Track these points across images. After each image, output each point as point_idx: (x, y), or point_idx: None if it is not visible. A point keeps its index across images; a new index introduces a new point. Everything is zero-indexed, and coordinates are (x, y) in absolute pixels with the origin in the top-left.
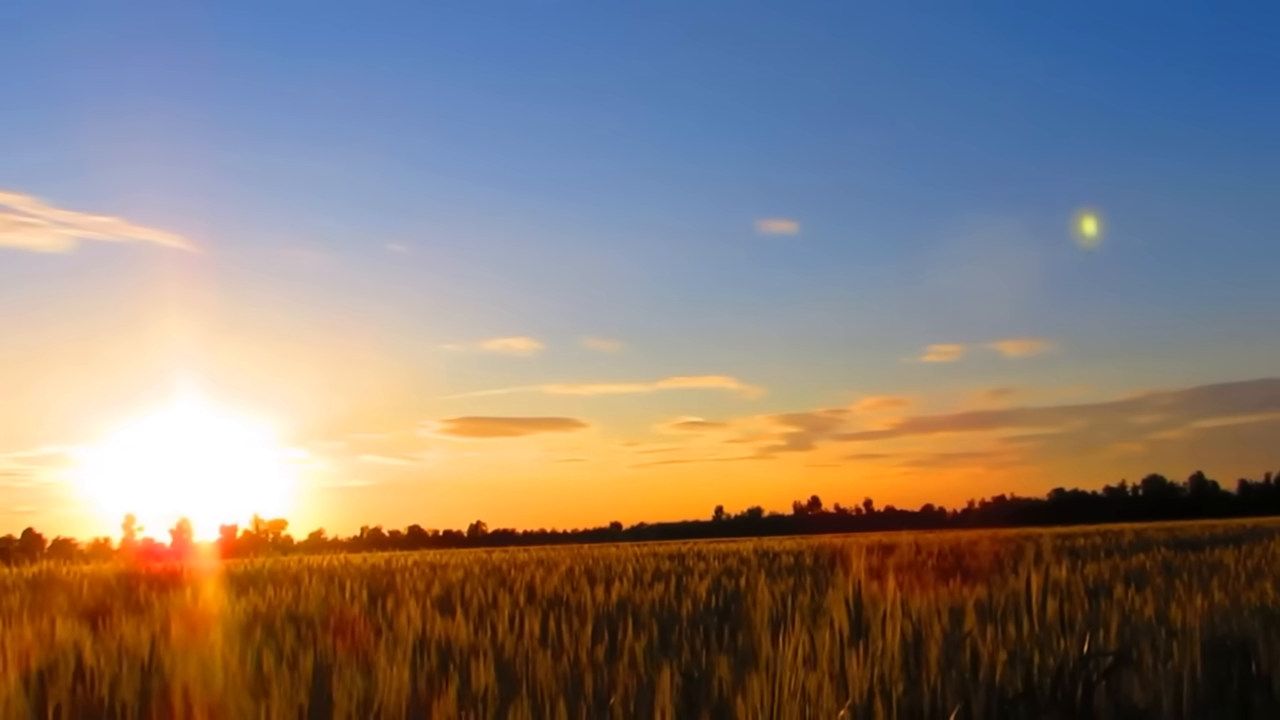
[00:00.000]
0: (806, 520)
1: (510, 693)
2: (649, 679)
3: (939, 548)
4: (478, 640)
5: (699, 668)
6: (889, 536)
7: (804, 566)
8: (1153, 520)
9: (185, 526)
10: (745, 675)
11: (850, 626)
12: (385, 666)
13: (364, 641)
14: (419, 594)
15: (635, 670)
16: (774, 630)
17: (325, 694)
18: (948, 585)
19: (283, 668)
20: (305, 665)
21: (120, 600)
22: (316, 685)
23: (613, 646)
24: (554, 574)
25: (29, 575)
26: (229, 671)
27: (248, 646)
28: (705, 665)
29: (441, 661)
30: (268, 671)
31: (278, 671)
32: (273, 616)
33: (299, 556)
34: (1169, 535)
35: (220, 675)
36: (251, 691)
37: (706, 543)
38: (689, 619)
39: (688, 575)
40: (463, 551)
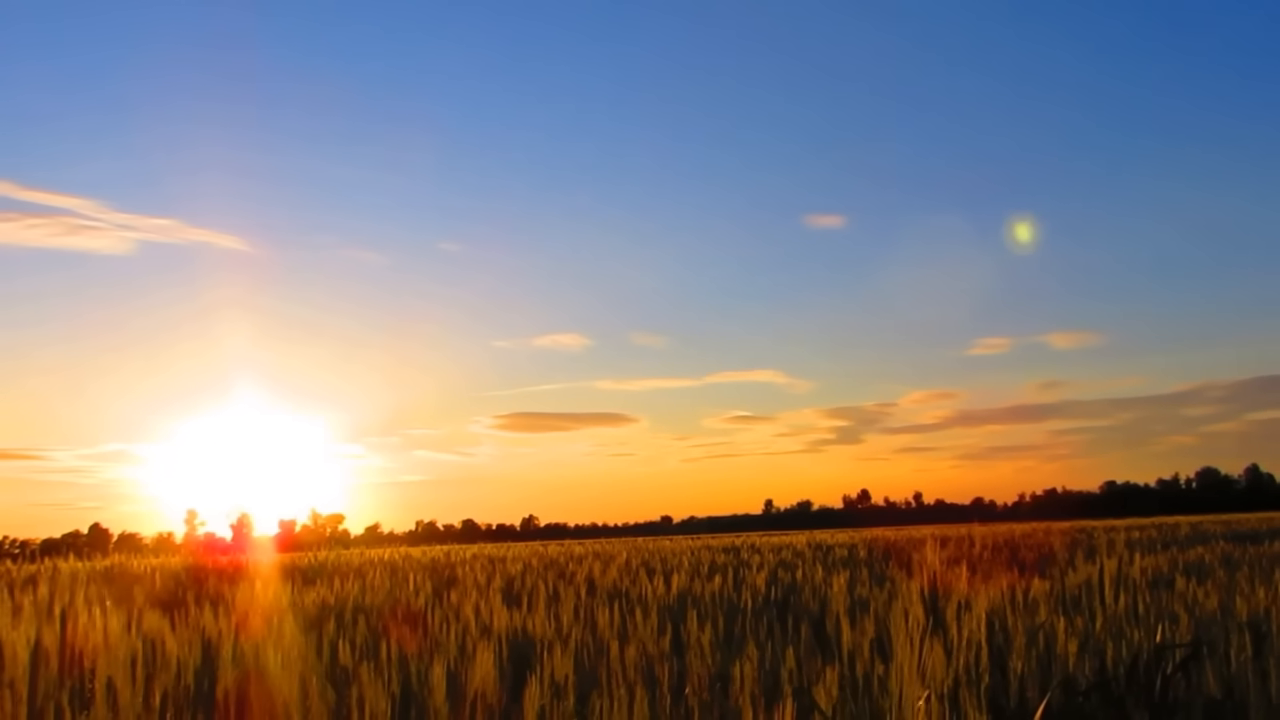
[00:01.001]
0: (856, 513)
1: (586, 683)
2: (721, 669)
3: (994, 540)
4: (546, 631)
5: (767, 659)
6: (941, 529)
7: (858, 559)
8: (1207, 513)
9: (245, 521)
10: (817, 665)
11: (926, 617)
12: (471, 656)
13: (436, 633)
14: (481, 587)
15: (704, 661)
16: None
17: (413, 684)
18: (1008, 577)
19: (362, 659)
20: (382, 655)
21: (192, 592)
22: (402, 675)
23: (676, 638)
24: (611, 567)
25: (101, 568)
26: (309, 662)
27: (323, 637)
28: (774, 656)
29: (517, 652)
30: (345, 662)
31: (357, 662)
32: (341, 608)
33: (360, 550)
34: (1225, 528)
35: (301, 666)
36: (335, 682)
37: (759, 535)
38: (751, 610)
39: (745, 568)
40: (518, 545)
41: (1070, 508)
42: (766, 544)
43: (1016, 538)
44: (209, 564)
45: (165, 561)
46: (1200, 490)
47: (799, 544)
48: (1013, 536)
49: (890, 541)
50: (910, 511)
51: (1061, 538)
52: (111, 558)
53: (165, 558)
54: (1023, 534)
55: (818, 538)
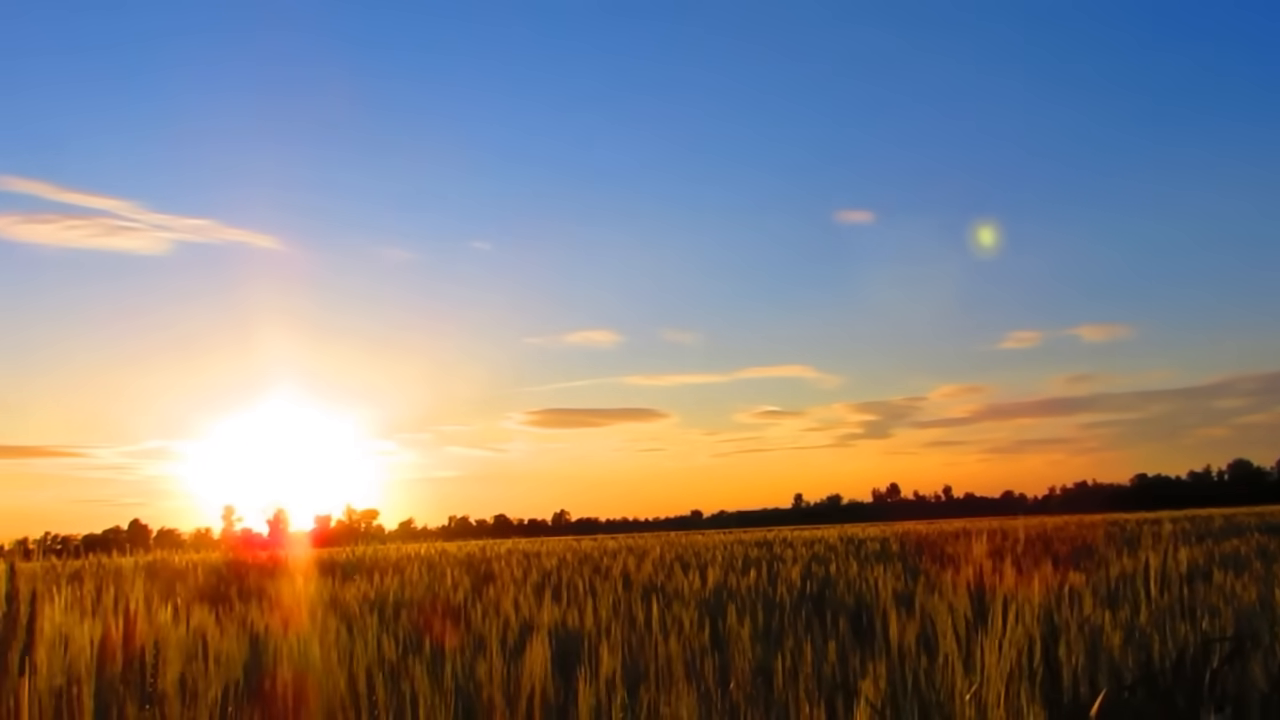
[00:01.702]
0: (886, 507)
1: (631, 677)
2: (763, 663)
3: (1027, 533)
4: (586, 626)
5: (807, 653)
6: (972, 523)
7: (891, 553)
8: (1240, 505)
9: (282, 517)
10: (859, 659)
11: (973, 611)
12: (515, 652)
13: (479, 627)
14: (518, 582)
15: (745, 654)
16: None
17: (461, 678)
18: (1049, 571)
19: (407, 653)
20: (426, 650)
21: (234, 587)
22: (451, 669)
23: (714, 632)
24: (646, 561)
25: (144, 563)
26: (355, 657)
27: (367, 632)
28: (816, 650)
29: (562, 647)
30: (390, 656)
31: (403, 656)
32: (382, 603)
33: (397, 545)
34: (1259, 520)
35: (348, 660)
36: (383, 677)
37: (790, 530)
38: (790, 605)
39: (778, 562)
40: (551, 540)
41: (1101, 501)
42: (798, 538)
43: (1049, 531)
44: (248, 559)
45: (206, 556)
46: (1232, 482)
47: (831, 538)
48: (1045, 530)
49: (922, 536)
50: (940, 505)
51: (1097, 531)
52: (154, 553)
53: (206, 553)
54: (1055, 527)
55: (849, 532)
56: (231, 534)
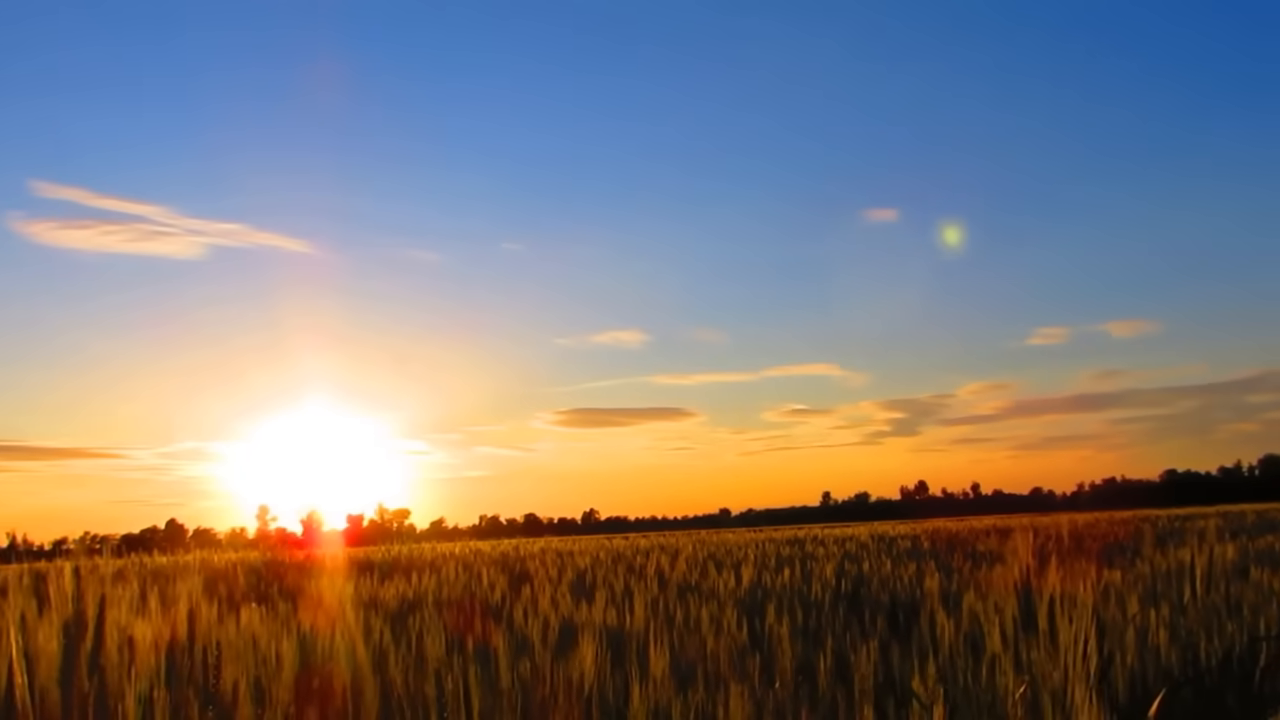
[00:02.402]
0: (914, 505)
1: (679, 675)
2: (806, 661)
3: (1058, 530)
4: (626, 624)
5: (850, 651)
6: (1001, 520)
7: (922, 550)
8: (1272, 501)
9: (315, 517)
10: (899, 658)
11: (1021, 612)
12: (555, 650)
13: (520, 626)
14: (554, 581)
15: (787, 653)
16: (912, 614)
17: (509, 677)
18: (1090, 568)
19: (451, 651)
20: (469, 649)
21: (275, 586)
22: (500, 668)
23: (751, 631)
24: (679, 560)
25: (183, 562)
26: (399, 656)
27: (410, 631)
28: (856, 649)
29: (611, 646)
30: (435, 655)
31: (449, 655)
32: (421, 602)
33: (431, 544)
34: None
35: (396, 659)
36: (429, 674)
37: (820, 528)
38: (829, 603)
39: (811, 560)
40: (583, 539)
41: (1130, 497)
42: (829, 536)
43: (1079, 527)
44: (285, 558)
45: (245, 556)
46: (1263, 478)
47: (861, 536)
48: (1075, 526)
49: (953, 533)
50: (968, 502)
51: (1130, 527)
52: (194, 553)
53: (245, 552)
54: (1087, 524)
55: (879, 529)
56: (266, 533)
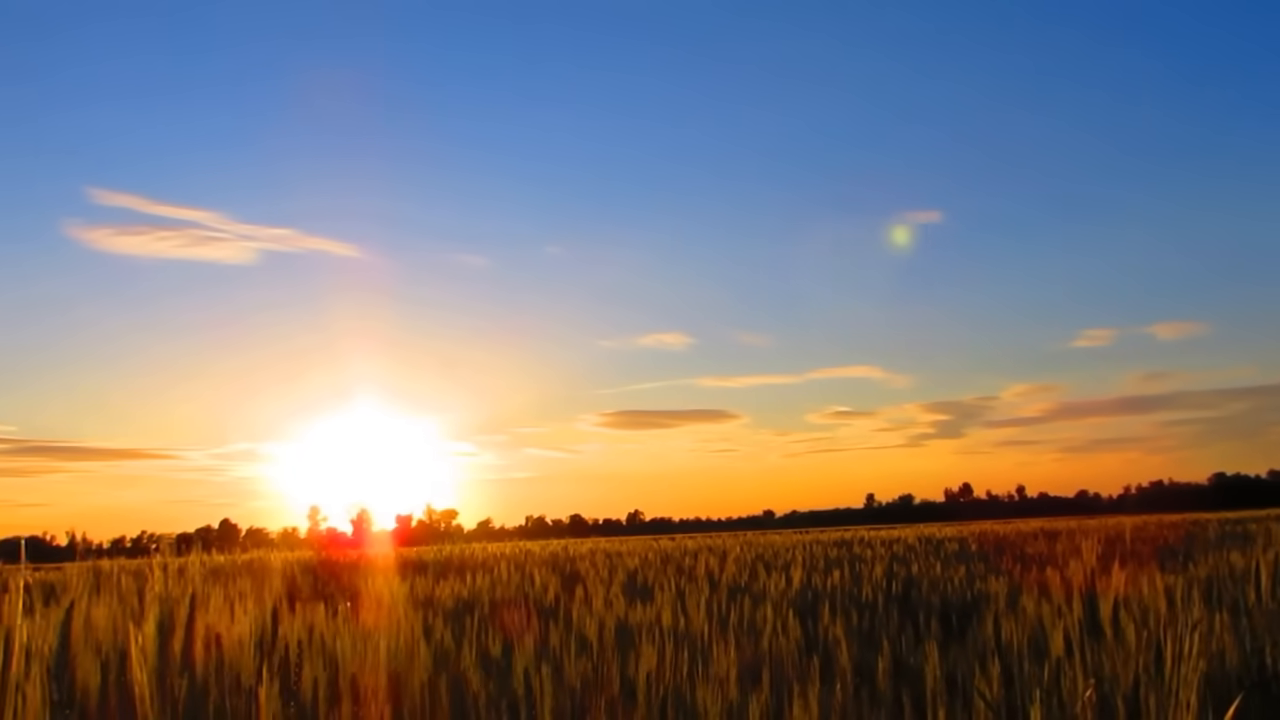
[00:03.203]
0: (958, 507)
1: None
2: (864, 662)
3: (1106, 533)
4: (679, 625)
5: (908, 653)
6: (1048, 523)
7: (970, 553)
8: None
9: (365, 516)
10: (962, 661)
11: (1085, 615)
12: (610, 649)
13: (578, 626)
14: (605, 581)
15: (844, 654)
16: (965, 616)
17: (572, 676)
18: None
19: (511, 650)
20: (528, 647)
21: (332, 585)
22: (569, 668)
23: (806, 632)
24: (728, 561)
25: (242, 562)
26: (464, 654)
27: (469, 630)
28: (915, 651)
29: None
30: (494, 654)
31: (513, 654)
32: (476, 601)
33: (481, 544)
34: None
35: (461, 657)
36: (492, 673)
37: (865, 529)
38: (882, 605)
39: (860, 562)
40: (631, 539)
41: (1178, 500)
42: (876, 538)
43: (1126, 530)
44: (339, 558)
45: (300, 556)
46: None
47: (908, 538)
48: (1121, 529)
49: (1000, 536)
50: (1013, 505)
51: (1179, 531)
52: (251, 552)
53: (300, 552)
54: (1133, 527)
55: (925, 532)
56: (317, 533)
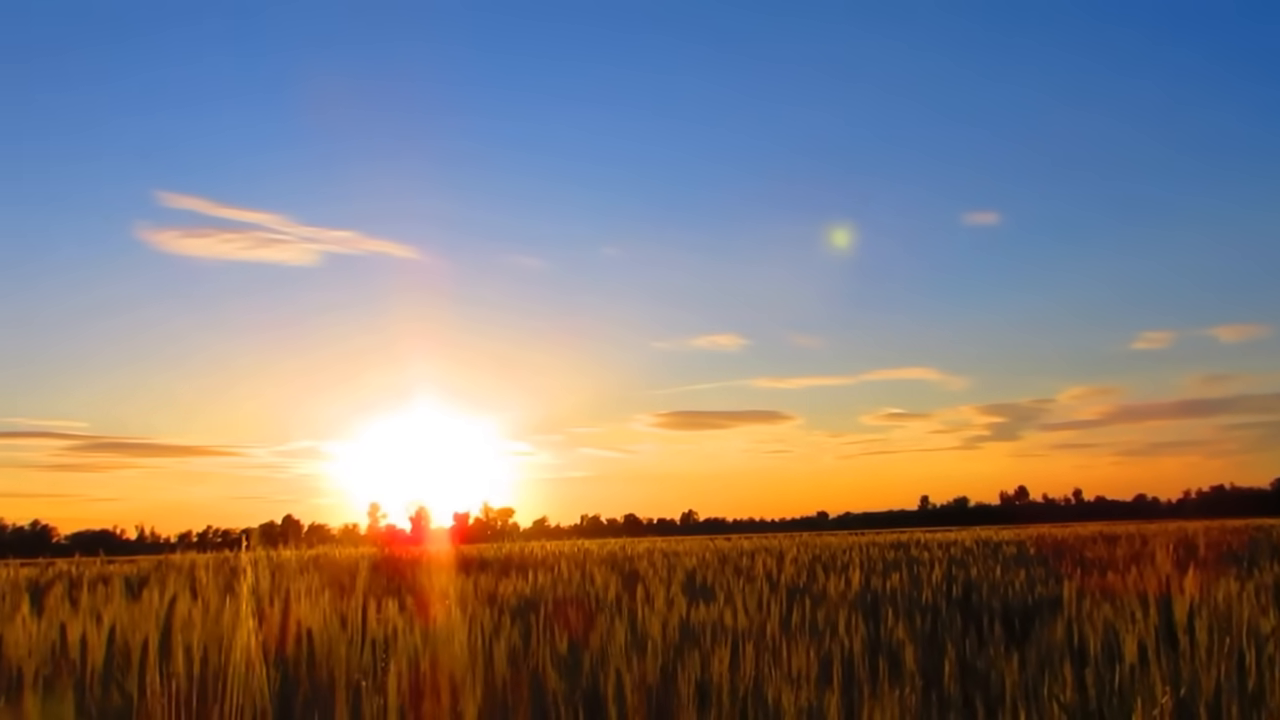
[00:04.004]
0: (1014, 510)
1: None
2: (929, 665)
3: (1168, 539)
4: (740, 624)
5: (974, 657)
6: (1107, 527)
7: (1029, 556)
8: None
9: (423, 514)
10: (1031, 666)
11: (1161, 621)
12: (708, 648)
13: (643, 626)
14: (664, 580)
15: (911, 656)
16: (1027, 620)
17: (660, 672)
18: (1218, 577)
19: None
20: (596, 645)
21: (397, 581)
22: (647, 665)
23: (868, 634)
24: (786, 562)
25: (308, 558)
26: (537, 651)
27: (537, 627)
28: (980, 654)
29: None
30: (562, 650)
31: (575, 651)
32: (539, 599)
33: (540, 542)
34: None
35: (530, 654)
36: (564, 670)
37: (922, 532)
38: (945, 608)
39: (918, 565)
40: (685, 539)
41: (1239, 505)
42: (932, 540)
43: (1188, 535)
44: (403, 554)
45: (365, 552)
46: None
47: (965, 540)
48: (1184, 534)
49: (1059, 539)
50: (1070, 508)
51: (1242, 536)
52: (316, 548)
53: (364, 548)
54: (1194, 532)
55: (981, 534)
56: (377, 530)
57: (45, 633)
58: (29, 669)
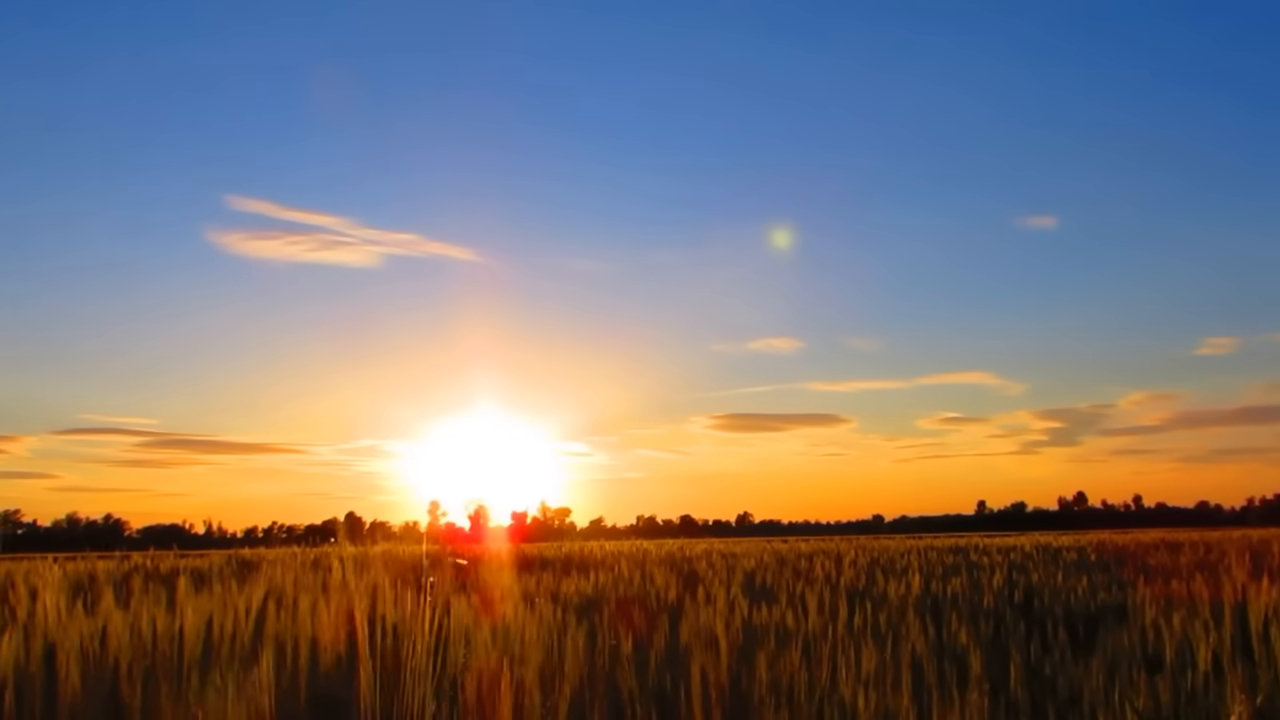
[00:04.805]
0: (1072, 516)
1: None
2: (996, 670)
3: (1238, 546)
4: (803, 627)
5: (1039, 662)
6: (1169, 534)
7: (1089, 563)
8: None
9: (482, 512)
10: (1099, 672)
11: (1235, 629)
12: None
13: (708, 625)
14: (724, 582)
15: (977, 661)
16: (1091, 626)
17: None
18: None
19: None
20: (659, 645)
21: (462, 579)
22: (720, 666)
23: (931, 637)
24: (845, 565)
25: (374, 554)
26: (603, 649)
27: (602, 626)
28: (1044, 659)
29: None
30: (627, 650)
31: (640, 650)
32: (602, 598)
33: (599, 542)
34: None
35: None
36: (634, 668)
37: (981, 536)
38: (1009, 614)
39: (978, 570)
40: (743, 541)
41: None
42: (992, 545)
43: (1255, 543)
44: (466, 552)
45: (429, 549)
46: None
47: (1025, 546)
48: (1248, 541)
49: (1120, 546)
50: (1130, 515)
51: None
52: (381, 544)
53: (428, 546)
54: (1259, 540)
55: (1040, 540)
56: (437, 527)
57: (133, 624)
58: (124, 660)
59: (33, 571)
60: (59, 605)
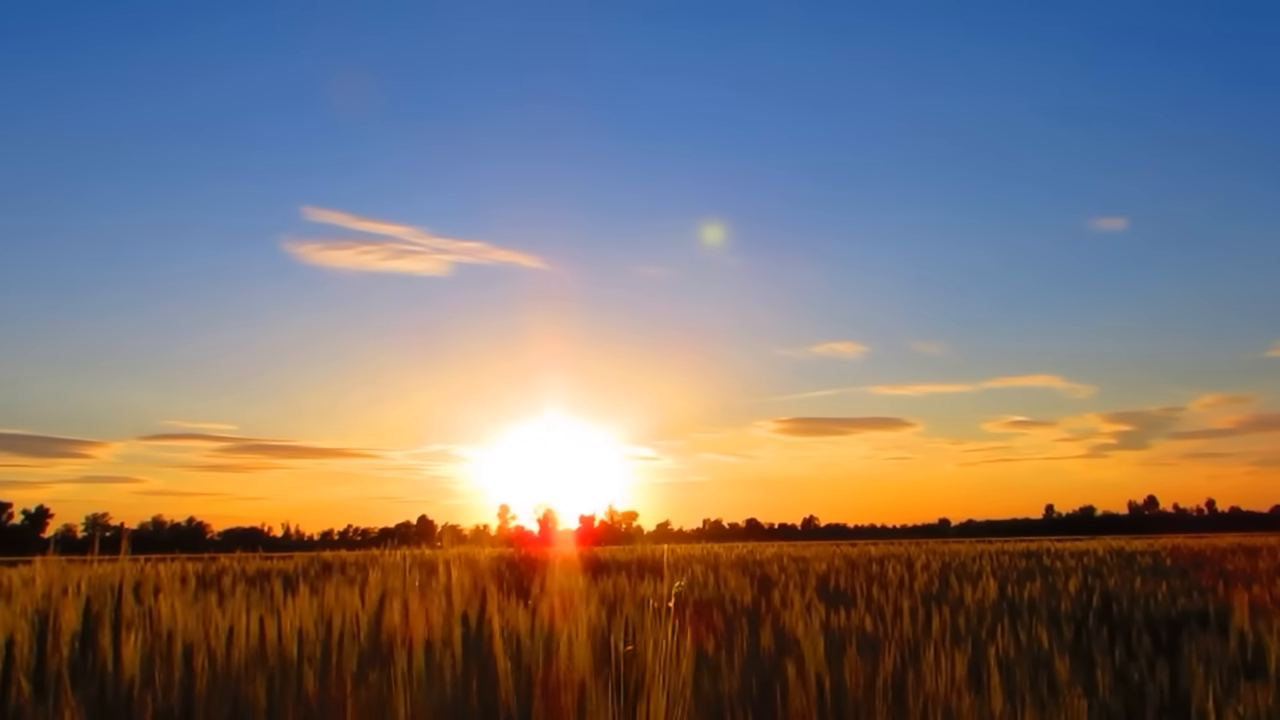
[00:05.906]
0: (1143, 520)
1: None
2: (1083, 676)
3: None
4: (878, 630)
5: (1124, 668)
6: (1245, 538)
7: (1165, 568)
8: None
9: (550, 516)
10: (1195, 679)
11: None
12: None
13: (790, 627)
14: (798, 585)
15: (1065, 667)
16: (1174, 632)
17: (827, 670)
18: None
19: (729, 651)
20: (741, 647)
21: (537, 582)
22: (808, 668)
23: (1018, 643)
24: (917, 569)
25: (449, 556)
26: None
27: (685, 629)
28: (1134, 666)
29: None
30: (709, 651)
31: (720, 653)
32: (679, 602)
33: (669, 546)
34: None
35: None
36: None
37: (1051, 541)
38: (1091, 620)
39: (1052, 574)
40: (810, 544)
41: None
42: (1064, 549)
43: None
44: (538, 555)
45: (503, 552)
46: None
47: (1098, 550)
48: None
49: (1195, 550)
50: (1202, 519)
51: None
52: (457, 547)
53: (501, 549)
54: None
55: (1113, 545)
56: (506, 530)
57: (243, 624)
58: (250, 659)
59: (148, 570)
60: (174, 605)
